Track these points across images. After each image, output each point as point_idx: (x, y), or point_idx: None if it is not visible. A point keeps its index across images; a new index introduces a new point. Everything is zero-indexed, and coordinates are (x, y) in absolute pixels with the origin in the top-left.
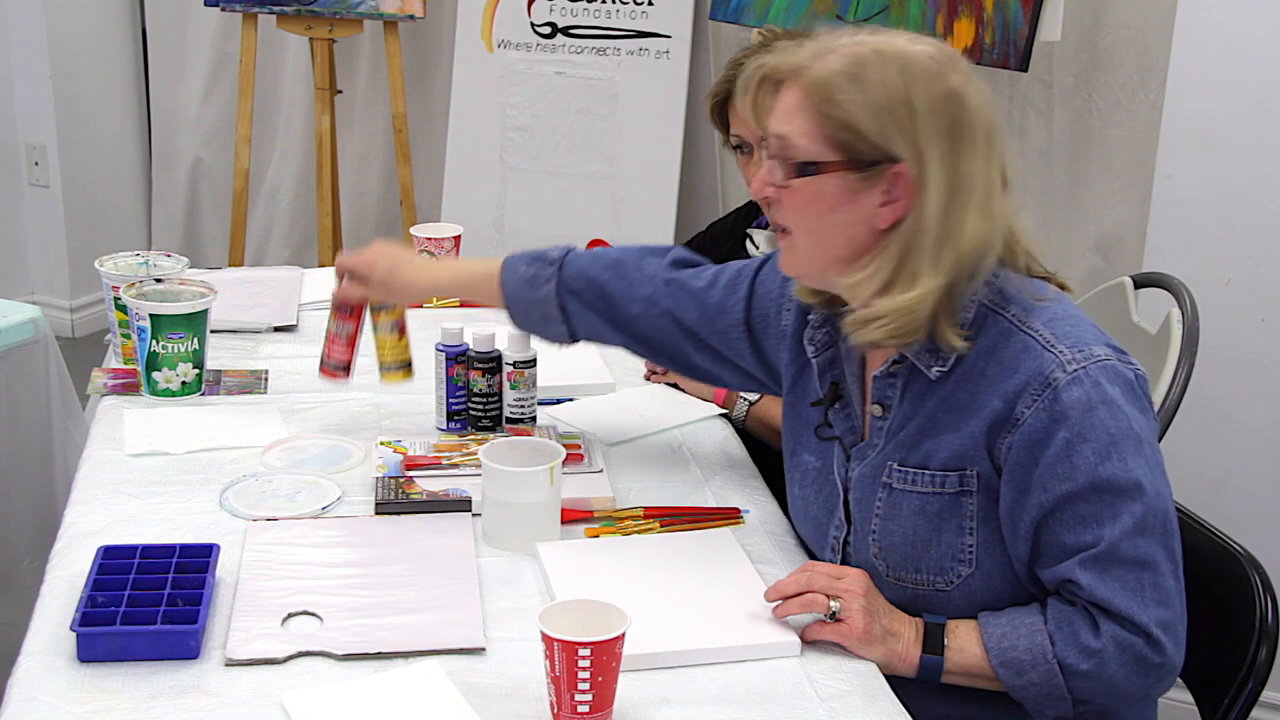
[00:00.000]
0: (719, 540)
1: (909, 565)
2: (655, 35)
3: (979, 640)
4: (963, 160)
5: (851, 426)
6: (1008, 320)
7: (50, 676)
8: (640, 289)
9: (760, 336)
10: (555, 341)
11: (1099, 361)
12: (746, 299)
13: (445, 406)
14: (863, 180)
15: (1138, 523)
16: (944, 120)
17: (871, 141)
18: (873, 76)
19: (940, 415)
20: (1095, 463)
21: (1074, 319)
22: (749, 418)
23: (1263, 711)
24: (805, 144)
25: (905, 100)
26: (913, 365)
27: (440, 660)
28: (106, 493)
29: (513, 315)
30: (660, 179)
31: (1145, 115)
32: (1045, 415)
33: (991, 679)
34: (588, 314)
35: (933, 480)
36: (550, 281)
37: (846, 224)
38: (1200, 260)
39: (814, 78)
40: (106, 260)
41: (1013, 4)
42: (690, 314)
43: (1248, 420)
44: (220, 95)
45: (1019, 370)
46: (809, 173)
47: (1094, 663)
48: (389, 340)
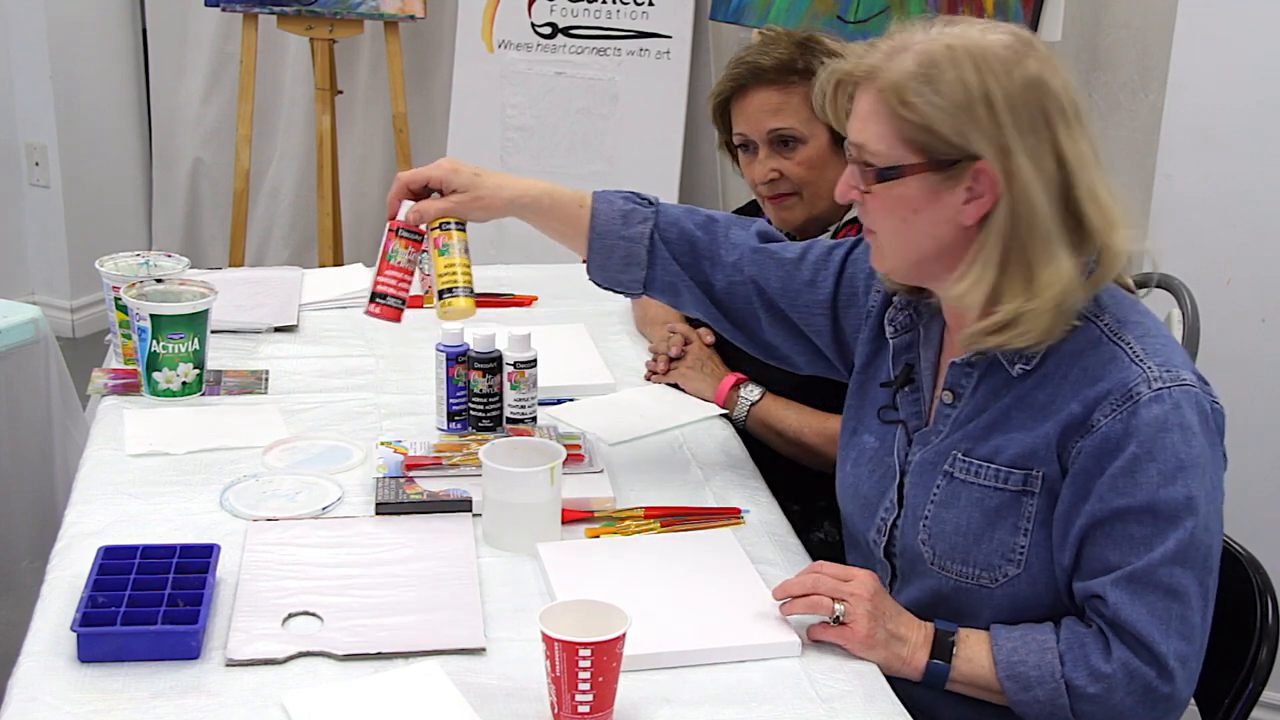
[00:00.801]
0: (719, 540)
1: (957, 556)
2: (655, 35)
3: (988, 652)
4: (1062, 143)
5: (918, 411)
6: (1099, 328)
7: (51, 677)
8: (727, 254)
9: (843, 314)
10: (623, 289)
11: (1184, 386)
12: (837, 276)
13: (446, 407)
14: (944, 180)
15: (1181, 550)
16: (1026, 110)
17: (950, 141)
18: (946, 75)
19: (1014, 412)
20: (1158, 484)
21: (1167, 339)
22: (749, 418)
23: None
24: (883, 149)
25: (984, 96)
26: (994, 358)
27: (440, 660)
28: (107, 493)
29: (594, 250)
30: (660, 179)
31: (1145, 115)
32: (1120, 426)
33: (996, 692)
34: (673, 265)
35: (997, 475)
36: (647, 221)
37: (931, 224)
38: (1201, 260)
39: (887, 81)
40: (107, 260)
41: (1013, 4)
42: (775, 285)
43: (1248, 420)
44: (221, 95)
45: (1104, 379)
46: (889, 178)
47: (1101, 687)
48: (463, 262)
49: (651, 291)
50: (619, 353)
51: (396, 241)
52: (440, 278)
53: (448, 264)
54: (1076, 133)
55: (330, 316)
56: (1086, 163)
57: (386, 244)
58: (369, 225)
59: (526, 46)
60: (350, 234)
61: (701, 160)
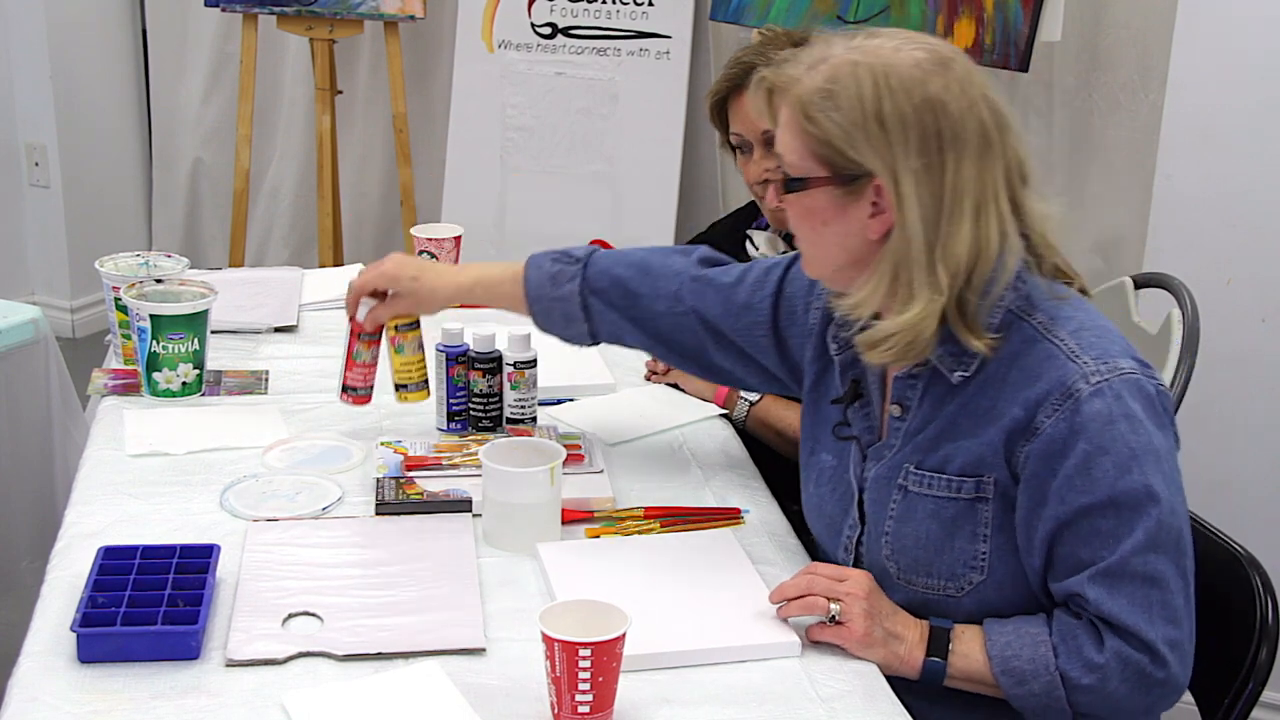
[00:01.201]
0: (719, 540)
1: (920, 569)
2: (655, 35)
3: (983, 647)
4: (948, 169)
5: (869, 426)
6: (1033, 327)
7: (51, 677)
8: (666, 285)
9: (786, 334)
10: (576, 342)
11: (1122, 375)
12: (774, 295)
13: (446, 407)
14: (848, 194)
15: (1150, 538)
16: (919, 132)
17: (847, 157)
18: (847, 91)
19: (960, 420)
20: (1115, 476)
21: (1100, 329)
22: (749, 418)
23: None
24: (794, 160)
25: (876, 114)
26: (935, 368)
27: (441, 661)
28: (107, 493)
29: (535, 315)
30: (660, 179)
31: (1145, 115)
32: (1065, 426)
33: (993, 687)
34: (610, 313)
35: (949, 485)
36: (574, 279)
37: (841, 235)
38: (1200, 260)
39: (796, 95)
40: (107, 261)
41: (1013, 4)
42: (715, 310)
43: (1248, 420)
44: (220, 95)
45: (1041, 379)
46: (796, 188)
47: (1096, 677)
48: (416, 359)
49: (600, 340)
50: (619, 353)
51: (359, 344)
52: (396, 373)
53: (403, 362)
54: (971, 159)
55: (330, 316)
56: (965, 192)
57: (350, 344)
58: (369, 225)
59: (526, 46)
60: (350, 234)
61: (701, 160)
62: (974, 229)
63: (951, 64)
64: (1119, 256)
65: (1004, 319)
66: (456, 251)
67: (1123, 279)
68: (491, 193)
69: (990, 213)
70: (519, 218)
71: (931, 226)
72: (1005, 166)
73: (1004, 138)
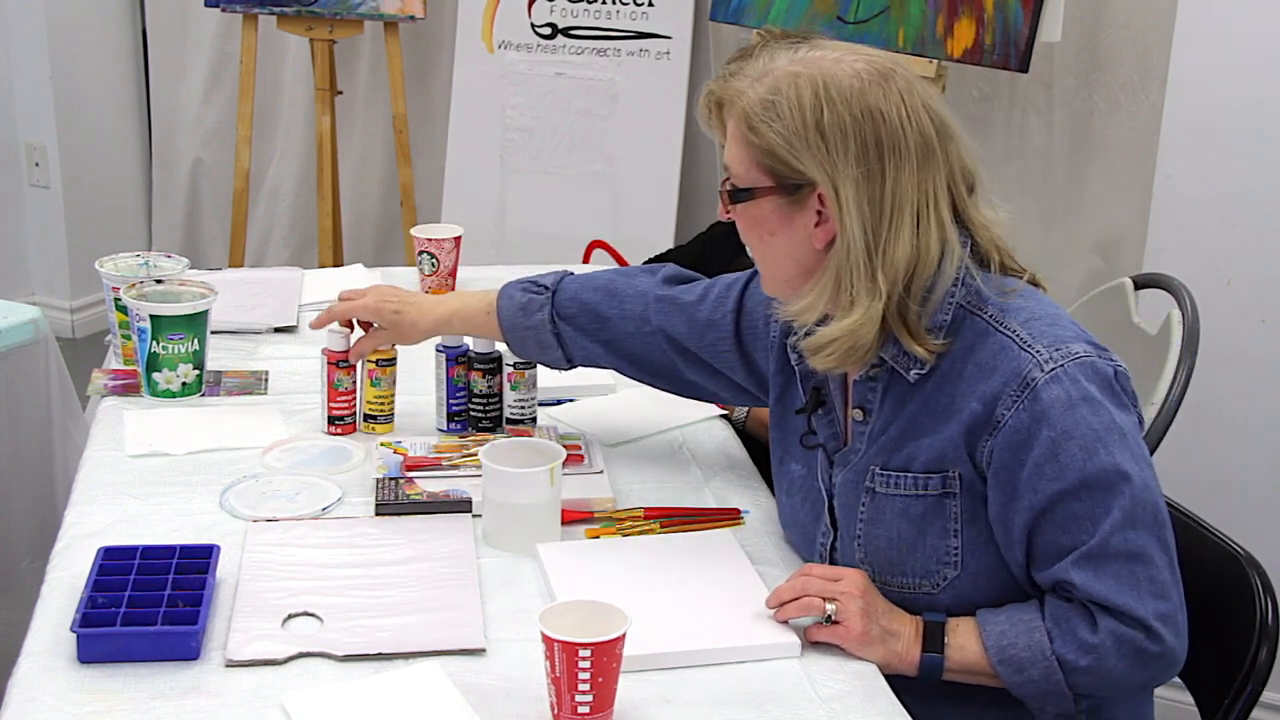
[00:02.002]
0: (719, 541)
1: (894, 569)
2: (655, 36)
3: (978, 638)
4: (887, 178)
5: (834, 433)
6: (984, 320)
7: (50, 677)
8: (632, 307)
9: (750, 348)
10: (554, 367)
11: (1076, 359)
12: (736, 311)
13: (446, 408)
14: (792, 204)
15: (1127, 515)
16: (858, 141)
17: (790, 166)
18: (788, 102)
19: (920, 418)
20: (1083, 459)
21: (1051, 317)
22: (749, 419)
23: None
24: (740, 170)
25: (816, 124)
26: (892, 369)
27: (440, 661)
28: (107, 493)
29: (510, 344)
30: (660, 180)
31: (1145, 115)
32: (1026, 416)
33: (991, 676)
34: (581, 338)
35: (915, 483)
36: (544, 308)
37: (788, 244)
38: (1200, 261)
39: (740, 108)
40: (107, 261)
41: (1013, 4)
42: (681, 329)
43: (1248, 421)
44: (220, 96)
45: (996, 371)
46: (742, 199)
47: (1093, 658)
48: (389, 394)
49: (576, 364)
50: None
51: (339, 373)
52: (369, 404)
53: (378, 395)
54: (910, 168)
55: None
56: (904, 201)
57: (330, 375)
58: (369, 226)
59: (526, 47)
60: (350, 234)
61: (701, 160)
62: (913, 236)
63: (892, 75)
64: (1119, 257)
65: (955, 314)
66: (456, 252)
67: (1123, 279)
68: (491, 193)
69: (930, 220)
70: (519, 218)
71: (871, 233)
72: (948, 174)
73: (945, 147)
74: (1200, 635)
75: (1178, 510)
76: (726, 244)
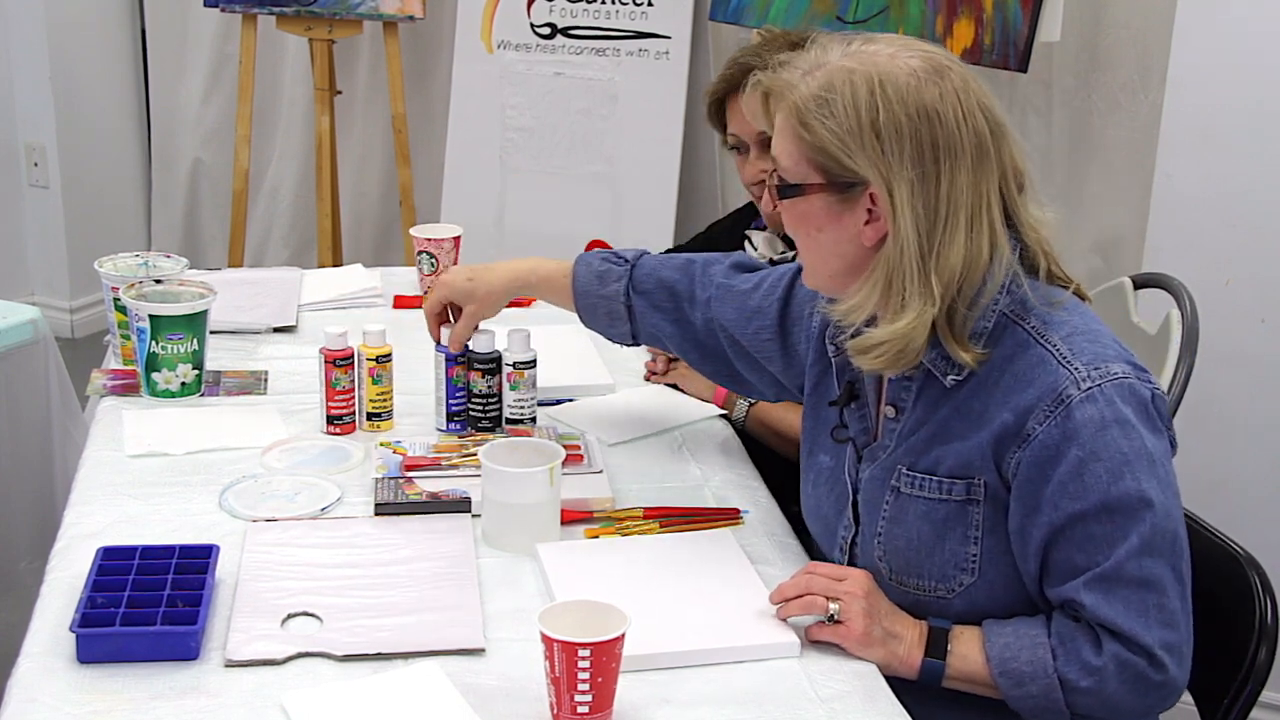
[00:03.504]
0: (719, 541)
1: (911, 570)
2: (655, 36)
3: (982, 648)
4: (943, 180)
5: (865, 427)
6: (1026, 331)
7: (50, 677)
8: (702, 292)
9: (792, 339)
10: (619, 341)
11: (1115, 380)
12: (783, 300)
13: (445, 408)
14: (842, 202)
15: (1145, 542)
16: (914, 141)
17: (842, 164)
18: (843, 99)
19: (952, 423)
20: (1108, 482)
21: (1094, 334)
22: (749, 418)
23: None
24: (789, 165)
25: (871, 123)
26: (929, 371)
27: (440, 661)
28: (106, 494)
29: (581, 311)
30: (660, 180)
31: (1145, 115)
32: (1057, 432)
33: (991, 688)
34: (654, 315)
35: (940, 487)
36: (621, 279)
37: (835, 242)
38: (1200, 260)
39: (792, 102)
40: (106, 261)
41: (1012, 4)
42: (731, 316)
43: (1247, 421)
44: (220, 96)
45: (1033, 384)
46: (791, 195)
47: (1094, 680)
48: (389, 390)
49: (640, 341)
50: (618, 353)
51: (336, 371)
52: (371, 402)
53: (379, 392)
54: (966, 169)
55: (329, 317)
56: (960, 204)
57: (328, 374)
58: (368, 226)
59: (526, 47)
60: (349, 234)
61: (701, 161)
62: (967, 239)
63: (948, 72)
64: (1118, 256)
65: (997, 322)
66: (456, 252)
67: (1122, 279)
68: (491, 193)
69: (983, 223)
70: (518, 218)
71: (926, 236)
72: (1001, 175)
73: (999, 146)
74: (1200, 635)
75: None
76: (726, 245)
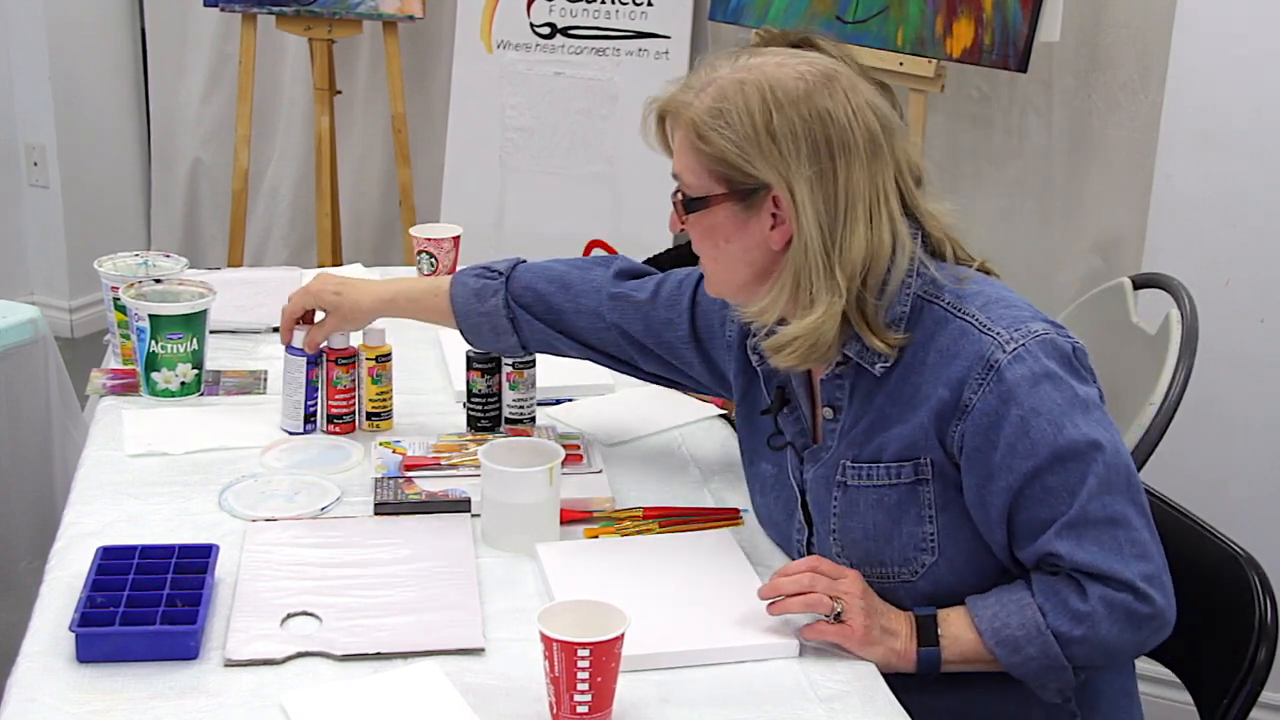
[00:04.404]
0: (718, 541)
1: (872, 560)
2: (654, 36)
3: (971, 625)
4: (839, 176)
5: (801, 430)
6: (942, 308)
7: (49, 677)
8: (586, 301)
9: (708, 347)
10: (509, 355)
11: (1036, 337)
12: (689, 311)
13: (302, 409)
14: (746, 209)
15: (1102, 482)
16: (809, 141)
17: (744, 171)
18: (736, 108)
19: (888, 409)
20: (1053, 434)
21: (1006, 300)
22: None
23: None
24: (692, 180)
25: (766, 127)
26: (858, 365)
27: (439, 661)
28: (106, 493)
29: (464, 329)
30: (660, 180)
31: (1145, 115)
32: (993, 397)
33: (990, 661)
34: (537, 325)
35: (887, 472)
36: (498, 294)
37: (743, 250)
38: (1199, 260)
39: (688, 118)
40: (106, 260)
41: (1012, 4)
42: (637, 327)
43: (1247, 421)
44: (220, 96)
45: (959, 356)
46: (697, 208)
47: (1086, 626)
48: (389, 390)
49: (531, 350)
50: None
51: (338, 369)
52: (371, 402)
53: (379, 391)
54: (861, 165)
55: None
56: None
57: (329, 373)
58: (368, 225)
59: (525, 47)
60: (349, 234)
61: None
62: (867, 231)
63: (835, 76)
64: (1118, 256)
65: (913, 304)
66: (455, 252)
67: (1121, 279)
68: (491, 193)
69: (882, 215)
70: (518, 218)
71: (828, 231)
72: (896, 169)
73: (891, 142)
74: (1199, 635)
75: (1177, 510)
76: None
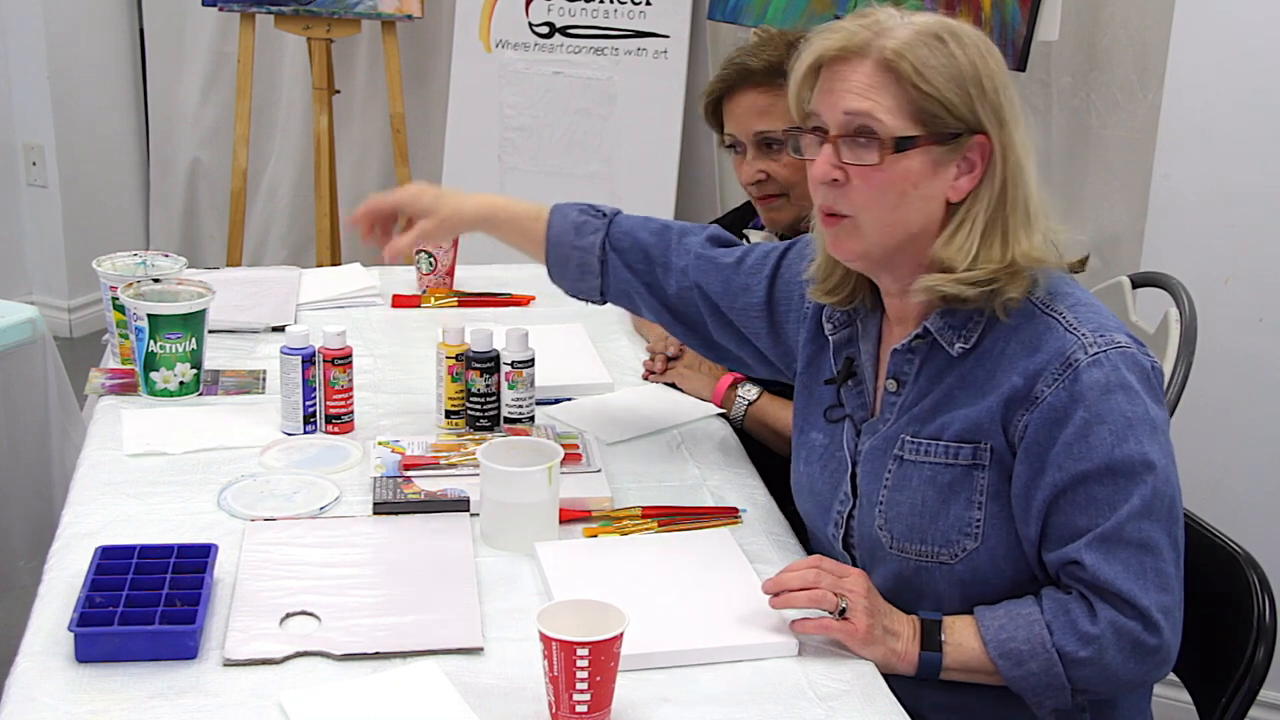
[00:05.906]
0: (717, 540)
1: (915, 536)
2: (653, 35)
3: (976, 634)
4: (1019, 128)
5: (863, 403)
6: (1032, 303)
7: (48, 677)
8: (678, 259)
9: (780, 317)
10: (584, 296)
11: (1119, 348)
12: (770, 279)
13: (301, 410)
14: (946, 154)
15: (1145, 505)
16: (1007, 94)
17: (958, 114)
18: (953, 51)
19: (957, 391)
20: (1112, 444)
21: (1095, 307)
22: (747, 417)
23: (1260, 711)
24: (890, 120)
25: (988, 73)
26: (934, 341)
27: (438, 660)
28: (104, 493)
29: (550, 261)
30: (658, 179)
31: (1143, 115)
32: (1065, 394)
33: (991, 672)
34: (626, 274)
35: (946, 451)
36: (598, 233)
37: (924, 199)
38: (1198, 260)
39: (895, 51)
40: (104, 260)
41: (1010, 3)
42: (716, 288)
43: (1246, 420)
44: (218, 95)
45: (1040, 350)
46: (905, 148)
47: (1092, 649)
48: (464, 390)
49: (609, 298)
50: (616, 352)
51: (335, 370)
52: (450, 400)
53: (458, 390)
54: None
55: (328, 316)
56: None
57: (326, 373)
58: None
59: (524, 46)
60: (348, 234)
61: (699, 160)
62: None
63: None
64: (1117, 256)
65: None
66: (454, 251)
67: (1120, 278)
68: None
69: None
70: None
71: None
72: None
73: None
74: (1198, 634)
75: None
76: None
